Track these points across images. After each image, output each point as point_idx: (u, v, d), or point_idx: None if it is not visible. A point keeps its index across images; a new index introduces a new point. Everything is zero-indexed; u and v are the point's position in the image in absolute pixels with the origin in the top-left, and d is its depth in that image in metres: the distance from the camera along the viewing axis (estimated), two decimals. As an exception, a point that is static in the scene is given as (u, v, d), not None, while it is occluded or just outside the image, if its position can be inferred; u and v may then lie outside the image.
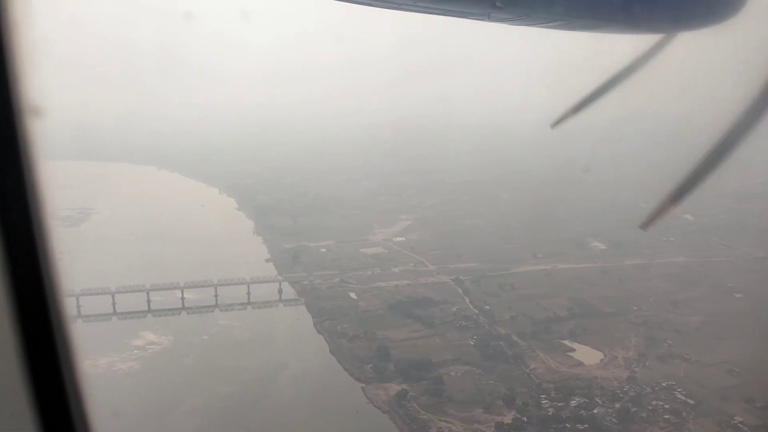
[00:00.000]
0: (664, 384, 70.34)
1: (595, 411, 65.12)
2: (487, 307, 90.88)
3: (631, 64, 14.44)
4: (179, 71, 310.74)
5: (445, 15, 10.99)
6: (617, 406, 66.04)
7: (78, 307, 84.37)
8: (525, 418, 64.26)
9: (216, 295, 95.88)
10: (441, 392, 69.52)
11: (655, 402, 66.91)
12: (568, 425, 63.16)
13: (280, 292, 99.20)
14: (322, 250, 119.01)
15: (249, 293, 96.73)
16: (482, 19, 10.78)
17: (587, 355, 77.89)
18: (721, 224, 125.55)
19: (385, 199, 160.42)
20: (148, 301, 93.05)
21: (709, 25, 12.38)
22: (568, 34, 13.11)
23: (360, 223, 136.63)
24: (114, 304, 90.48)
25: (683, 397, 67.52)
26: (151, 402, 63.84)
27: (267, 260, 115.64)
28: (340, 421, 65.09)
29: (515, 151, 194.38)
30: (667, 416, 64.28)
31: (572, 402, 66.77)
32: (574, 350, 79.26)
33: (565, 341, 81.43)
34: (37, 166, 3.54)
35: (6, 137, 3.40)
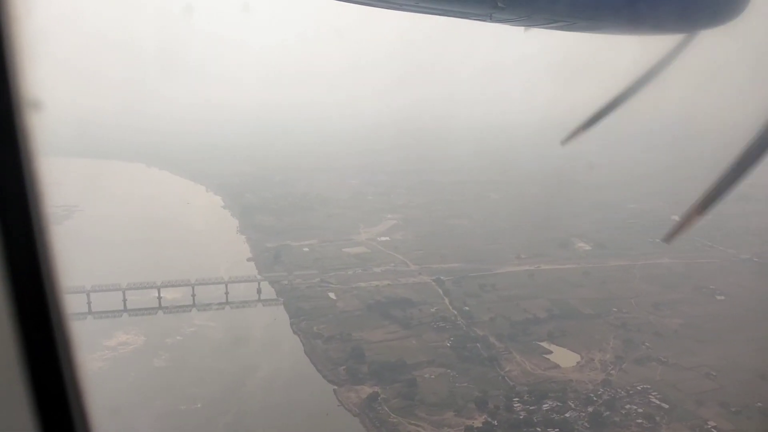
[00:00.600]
0: (639, 387, 69.35)
1: (567, 415, 64.15)
2: (467, 309, 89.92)
3: (642, 77, 14.04)
4: (176, 69, 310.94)
5: (447, 15, 10.81)
6: (590, 409, 65.08)
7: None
8: (495, 422, 63.32)
9: (194, 295, 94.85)
10: (413, 395, 68.51)
11: (628, 406, 65.90)
12: (539, 429, 62.17)
13: (259, 291, 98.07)
14: (305, 250, 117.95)
15: (227, 293, 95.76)
16: (484, 20, 10.65)
17: (564, 358, 77.00)
18: (707, 226, 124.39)
19: (373, 198, 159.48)
20: (124, 300, 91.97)
21: (712, 26, 12.26)
22: (569, 35, 12.89)
23: (345, 223, 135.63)
24: (89, 303, 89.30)
25: (658, 401, 66.51)
26: (115, 404, 62.65)
27: (248, 259, 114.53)
28: (310, 424, 64.17)
29: (509, 152, 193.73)
30: (640, 420, 63.31)
31: (545, 405, 65.80)
32: (551, 352, 78.39)
33: (542, 343, 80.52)
34: (36, 160, 3.53)
35: (5, 131, 3.40)
